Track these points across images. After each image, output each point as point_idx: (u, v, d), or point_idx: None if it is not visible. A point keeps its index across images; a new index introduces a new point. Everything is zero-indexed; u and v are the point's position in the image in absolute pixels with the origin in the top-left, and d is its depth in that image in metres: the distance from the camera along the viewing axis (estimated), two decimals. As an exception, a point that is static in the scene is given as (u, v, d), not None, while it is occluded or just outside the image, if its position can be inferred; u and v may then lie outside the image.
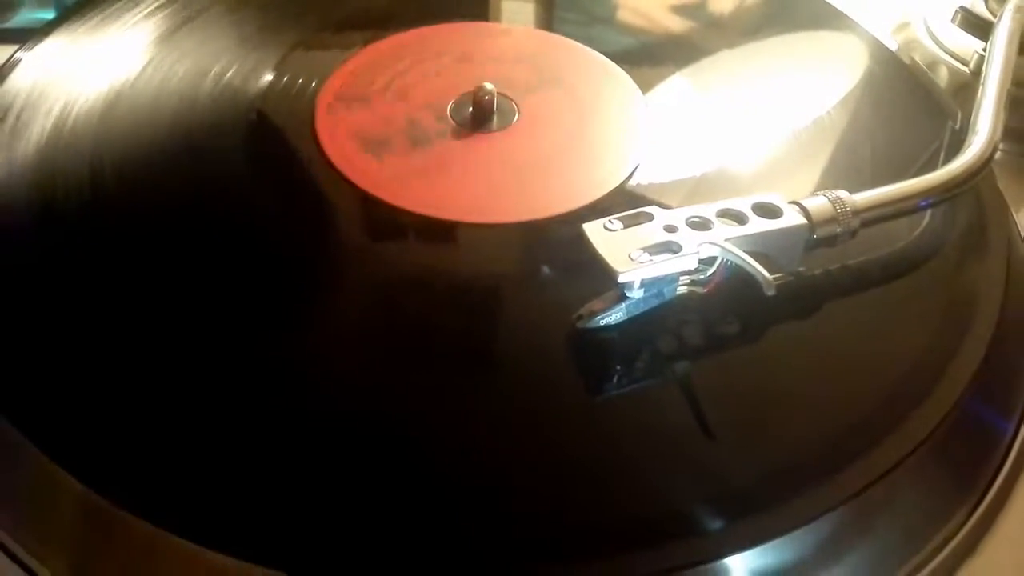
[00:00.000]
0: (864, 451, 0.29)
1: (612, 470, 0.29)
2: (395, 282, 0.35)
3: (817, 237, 0.32)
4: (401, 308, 0.34)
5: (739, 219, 0.31)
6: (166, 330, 0.32)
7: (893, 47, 0.47)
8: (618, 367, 0.32)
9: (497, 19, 0.48)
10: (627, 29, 0.48)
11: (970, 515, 0.31)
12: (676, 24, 0.48)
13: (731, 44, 0.46)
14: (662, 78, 0.44)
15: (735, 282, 0.31)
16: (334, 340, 0.33)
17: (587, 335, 0.31)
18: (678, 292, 0.31)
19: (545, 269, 0.36)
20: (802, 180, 0.39)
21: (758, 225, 0.31)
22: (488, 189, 0.37)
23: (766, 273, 0.29)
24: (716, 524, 0.28)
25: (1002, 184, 0.43)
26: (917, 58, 0.49)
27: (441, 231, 0.36)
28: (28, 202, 0.36)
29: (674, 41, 0.47)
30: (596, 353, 0.32)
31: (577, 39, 0.45)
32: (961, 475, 0.32)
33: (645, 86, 0.43)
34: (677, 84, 0.43)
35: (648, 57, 0.45)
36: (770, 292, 0.29)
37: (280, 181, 0.38)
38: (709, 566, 0.27)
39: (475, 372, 0.32)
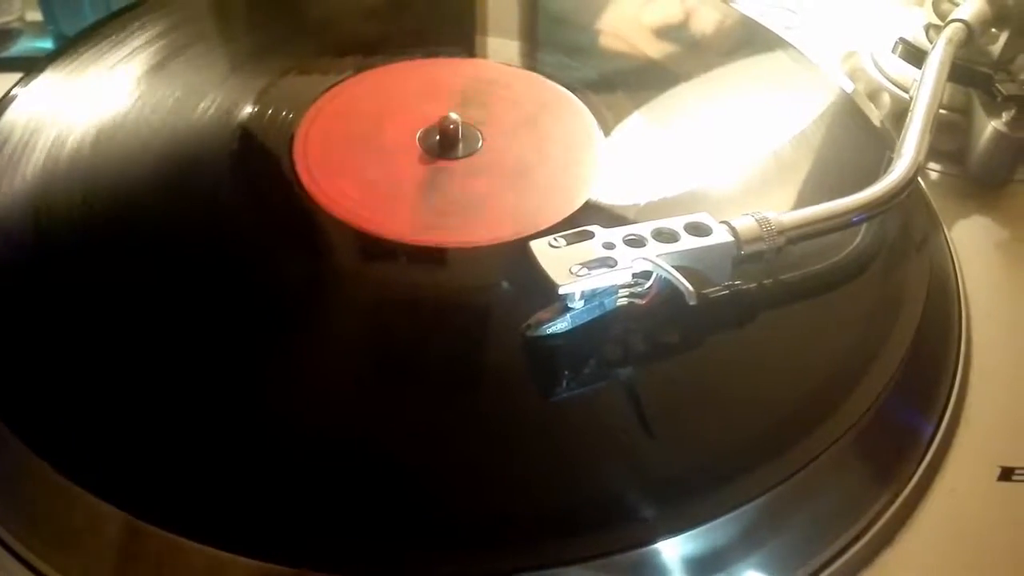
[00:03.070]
0: (787, 445, 0.32)
1: (558, 465, 0.32)
2: (362, 300, 0.38)
3: (744, 253, 0.35)
4: (368, 323, 0.37)
5: (672, 237, 0.34)
6: (149, 349, 0.35)
7: (841, 78, 0.50)
8: (566, 371, 0.34)
9: (473, 54, 0.52)
10: (594, 63, 0.51)
11: (888, 507, 0.33)
12: (636, 60, 0.51)
13: (688, 77, 0.49)
14: (621, 107, 0.47)
15: (679, 295, 0.34)
16: (309, 355, 0.35)
17: (537, 343, 0.34)
18: (618, 304, 0.34)
19: (505, 285, 0.39)
20: (745, 202, 0.41)
21: (689, 243, 0.34)
22: (448, 213, 0.40)
23: (688, 285, 0.32)
24: (649, 512, 0.30)
25: (938, 202, 0.46)
26: (862, 86, 0.52)
27: (401, 252, 0.39)
28: (22, 226, 0.39)
29: (633, 75, 0.50)
30: (547, 359, 0.35)
31: (550, 75, 0.48)
32: (880, 469, 0.34)
33: (603, 117, 0.46)
34: (633, 116, 0.46)
35: (609, 90, 0.48)
36: (692, 302, 0.32)
37: (257, 209, 0.41)
38: (643, 550, 0.30)
39: (437, 382, 0.35)
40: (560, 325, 0.34)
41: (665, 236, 0.34)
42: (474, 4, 0.56)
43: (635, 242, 0.34)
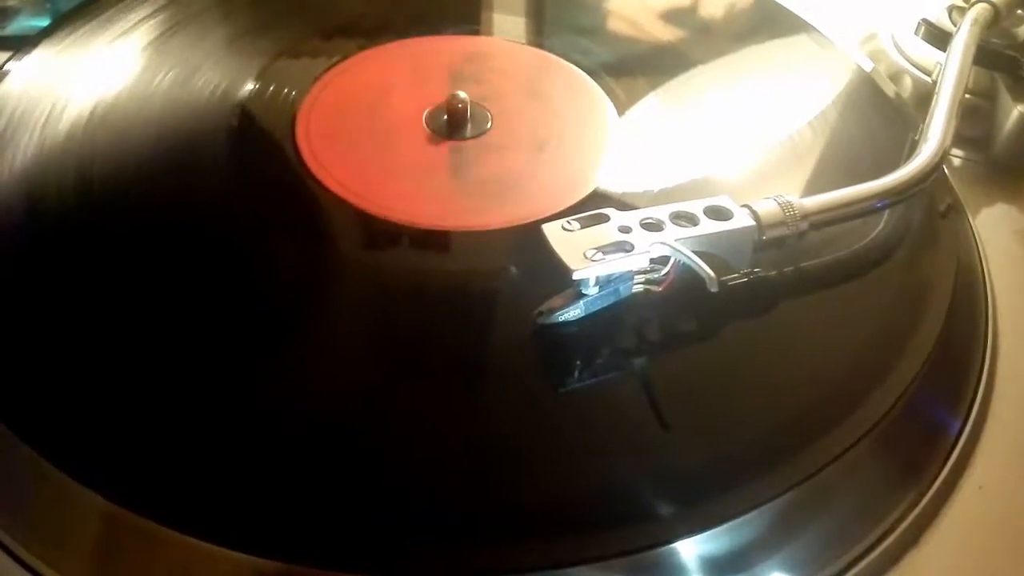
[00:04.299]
0: (808, 442, 0.31)
1: (572, 459, 0.30)
2: (366, 285, 0.37)
3: (766, 239, 0.33)
4: (374, 309, 0.36)
5: (691, 221, 0.33)
6: (148, 331, 0.33)
7: (861, 58, 0.49)
8: (579, 361, 0.33)
9: (486, 32, 0.50)
10: (607, 44, 0.50)
11: (913, 507, 0.32)
12: (652, 39, 0.50)
13: (704, 58, 0.48)
14: (636, 91, 0.45)
15: (696, 282, 0.32)
16: (312, 340, 0.34)
17: (549, 331, 0.33)
18: (634, 290, 0.33)
19: (513, 270, 0.37)
20: (767, 186, 0.40)
21: (708, 227, 0.32)
22: (459, 196, 0.39)
23: (709, 271, 0.31)
24: (668, 510, 0.29)
25: (962, 190, 0.45)
26: (883, 69, 0.51)
27: (410, 236, 0.37)
28: (16, 206, 0.37)
29: (649, 55, 0.49)
30: (559, 348, 0.33)
31: (559, 54, 0.47)
32: (906, 467, 0.33)
33: (618, 99, 0.44)
34: (649, 97, 0.45)
35: (625, 71, 0.47)
36: (713, 289, 0.31)
37: (259, 187, 0.39)
38: (660, 550, 0.28)
39: (444, 369, 0.33)
40: (573, 312, 0.32)
41: (684, 220, 0.33)
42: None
43: (653, 226, 0.32)
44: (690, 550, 0.28)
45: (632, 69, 0.47)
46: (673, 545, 0.28)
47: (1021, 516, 0.33)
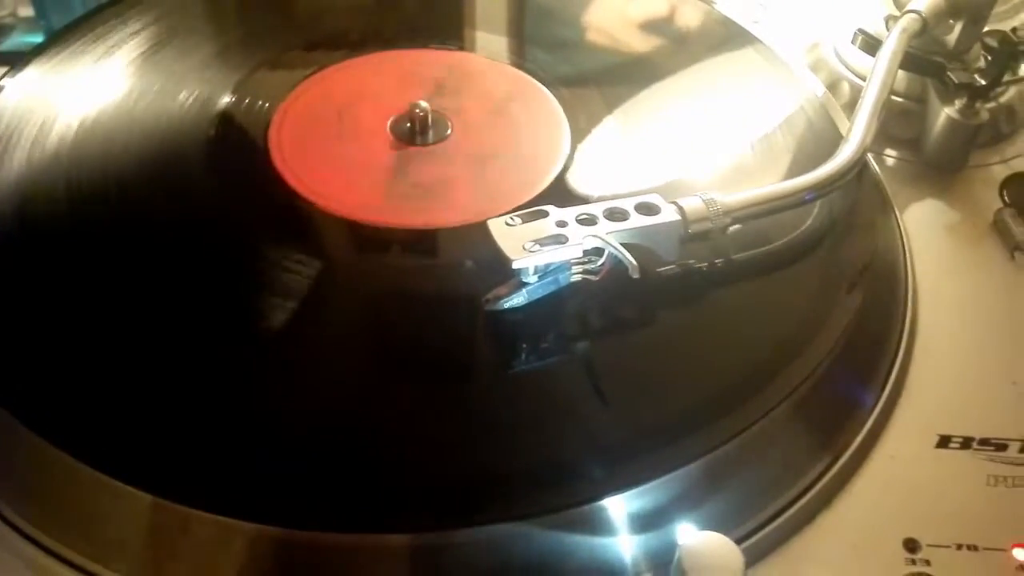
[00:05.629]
0: (727, 412, 0.34)
1: (516, 429, 0.34)
2: (329, 279, 0.40)
3: (691, 232, 0.36)
4: (336, 301, 0.39)
5: (622, 216, 0.36)
6: (129, 329, 0.37)
7: (801, 68, 0.52)
8: (524, 344, 0.36)
9: (468, 48, 0.53)
10: (567, 58, 0.52)
11: (827, 471, 0.35)
12: (609, 55, 0.53)
13: (656, 71, 0.51)
14: (589, 102, 0.48)
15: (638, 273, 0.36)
16: (279, 332, 0.37)
17: (499, 317, 0.36)
18: (572, 279, 0.36)
19: (469, 263, 0.40)
20: (705, 183, 0.43)
21: (637, 221, 0.36)
22: (420, 197, 0.42)
23: (632, 260, 0.34)
24: (599, 472, 0.32)
25: (894, 186, 0.48)
26: (824, 77, 0.54)
27: (374, 235, 0.41)
28: (12, 210, 0.41)
29: (604, 70, 0.52)
30: (507, 333, 0.37)
31: (530, 73, 0.50)
32: (821, 435, 0.36)
33: (571, 111, 0.47)
34: (600, 108, 0.48)
35: (579, 84, 0.50)
36: (635, 275, 0.34)
37: (234, 194, 0.43)
38: (592, 506, 0.32)
39: (402, 357, 0.37)
40: (517, 299, 0.36)
41: (616, 215, 0.36)
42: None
43: (587, 221, 0.35)
44: (617, 507, 0.32)
45: (588, 79, 0.50)
46: (604, 501, 0.32)
47: (928, 485, 0.36)
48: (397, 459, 0.33)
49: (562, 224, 0.35)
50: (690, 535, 0.28)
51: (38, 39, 0.61)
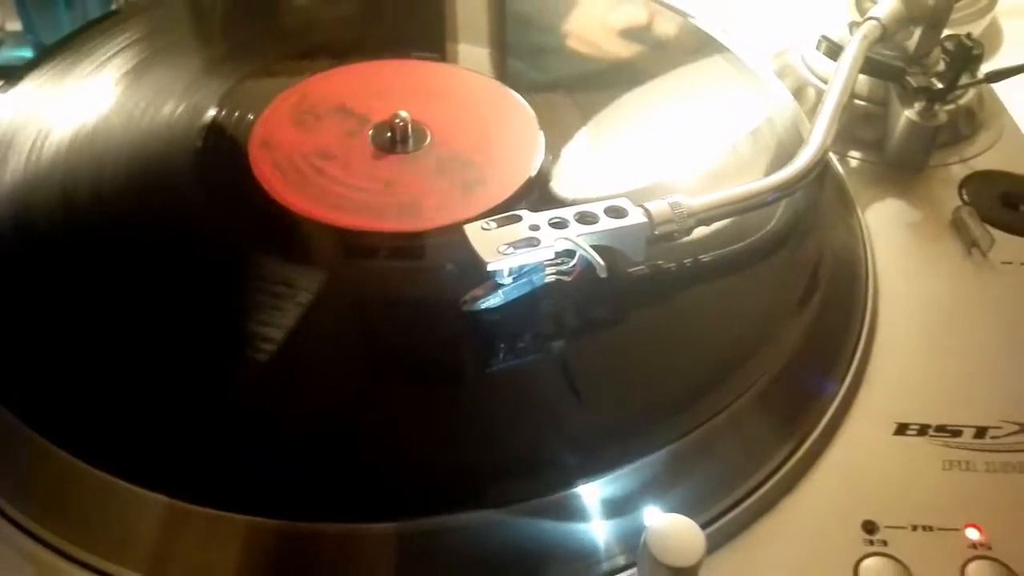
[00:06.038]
0: (691, 403, 0.36)
1: (495, 423, 0.36)
2: (312, 284, 0.41)
3: (657, 233, 0.38)
4: (321, 305, 0.41)
5: (592, 219, 0.38)
6: (121, 333, 0.38)
7: (768, 75, 0.54)
8: (501, 343, 0.38)
9: (451, 60, 0.55)
10: (542, 66, 0.55)
11: (788, 458, 0.37)
12: (586, 64, 0.55)
13: (628, 79, 0.53)
14: (562, 111, 0.50)
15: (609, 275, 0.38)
16: (264, 333, 0.39)
17: (477, 317, 0.38)
18: (546, 280, 0.38)
19: (449, 267, 0.42)
20: (674, 187, 0.45)
21: (606, 224, 0.38)
22: (399, 203, 0.44)
23: (600, 260, 0.36)
24: (571, 461, 0.34)
25: (857, 187, 0.50)
26: (790, 83, 0.56)
27: (359, 242, 0.43)
28: (9, 220, 0.42)
29: (577, 77, 0.54)
30: (485, 331, 0.38)
31: (510, 85, 0.51)
32: (783, 424, 0.38)
33: (545, 118, 0.49)
34: (573, 116, 0.50)
35: (552, 91, 0.52)
36: (603, 275, 0.36)
37: (216, 203, 0.44)
38: (564, 493, 0.34)
39: (386, 357, 0.39)
40: (493, 300, 0.38)
41: (586, 218, 0.38)
42: (431, 10, 0.60)
43: (559, 224, 0.37)
44: (594, 492, 0.34)
45: (561, 87, 0.52)
46: (579, 488, 0.33)
47: (886, 470, 0.38)
48: (382, 453, 0.35)
49: (535, 227, 0.37)
50: (656, 517, 0.29)
51: (26, 53, 0.63)
